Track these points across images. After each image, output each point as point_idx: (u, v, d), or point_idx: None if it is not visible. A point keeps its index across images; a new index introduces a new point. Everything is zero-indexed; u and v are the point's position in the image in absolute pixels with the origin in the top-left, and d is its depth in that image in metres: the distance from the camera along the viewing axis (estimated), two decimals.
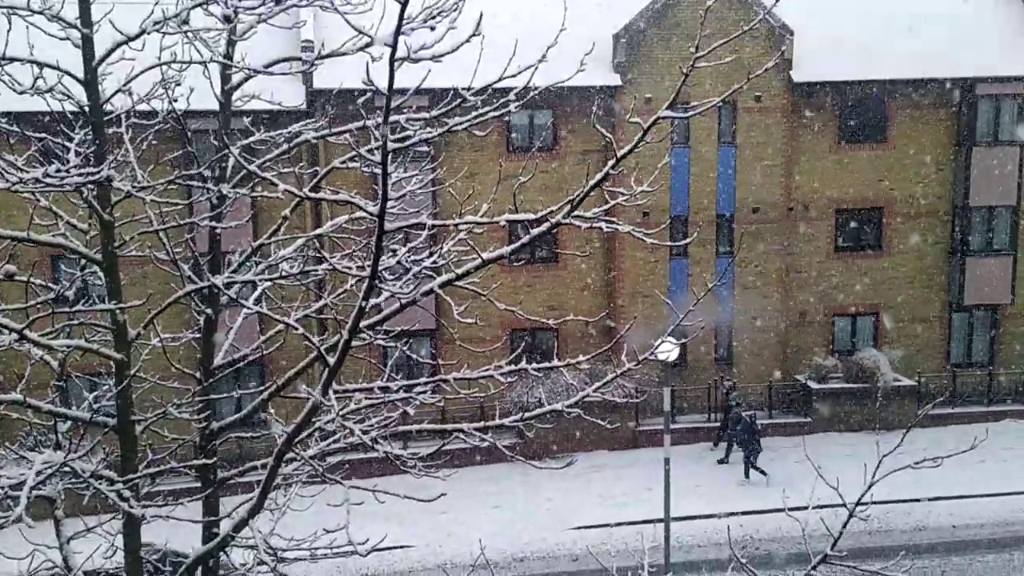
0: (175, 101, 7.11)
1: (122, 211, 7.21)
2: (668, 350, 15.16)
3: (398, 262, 6.65)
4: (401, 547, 19.64)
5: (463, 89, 5.97)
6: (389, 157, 4.84)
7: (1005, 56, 26.17)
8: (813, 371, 26.06)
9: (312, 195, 5.38)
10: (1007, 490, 21.49)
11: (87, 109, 6.87)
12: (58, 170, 5.98)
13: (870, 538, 19.35)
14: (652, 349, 7.28)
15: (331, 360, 5.41)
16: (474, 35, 4.53)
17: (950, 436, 20.90)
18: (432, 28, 5.94)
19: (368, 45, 5.62)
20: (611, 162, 5.68)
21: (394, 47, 4.27)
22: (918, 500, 20.81)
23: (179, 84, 7.12)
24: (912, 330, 27.23)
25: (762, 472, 22.33)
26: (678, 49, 24.60)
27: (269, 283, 7.39)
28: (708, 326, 25.53)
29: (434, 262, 6.82)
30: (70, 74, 6.92)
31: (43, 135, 7.45)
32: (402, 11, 4.26)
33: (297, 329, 5.74)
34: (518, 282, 25.17)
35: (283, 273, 7.15)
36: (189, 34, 6.67)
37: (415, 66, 5.08)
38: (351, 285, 7.31)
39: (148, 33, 6.36)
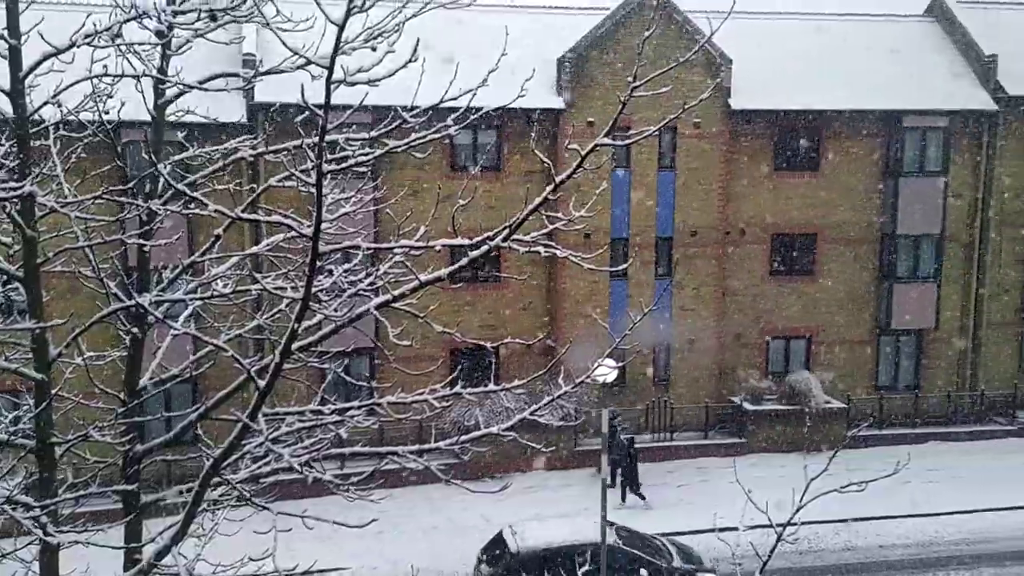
0: (106, 114, 6.94)
1: (48, 225, 6.99)
2: (606, 372, 15.26)
3: (334, 283, 6.58)
4: (333, 570, 19.29)
5: (404, 110, 5.96)
6: (325, 178, 4.80)
7: (932, 90, 27.19)
8: (748, 392, 26.50)
9: (244, 216, 5.29)
10: (932, 511, 22.10)
11: (12, 121, 6.66)
12: None
13: (801, 558, 19.68)
14: (590, 372, 7.32)
15: (261, 383, 5.31)
16: (411, 61, 4.52)
17: (878, 457, 21.39)
18: (373, 49, 5.92)
19: (307, 64, 5.57)
20: (549, 188, 5.71)
21: (330, 70, 4.23)
22: (847, 520, 21.25)
23: (111, 97, 6.95)
24: (842, 353, 27.93)
25: (641, 496, 22.64)
26: (621, 74, 24.97)
27: (200, 302, 7.22)
28: (647, 347, 25.84)
29: (372, 283, 6.76)
30: None
31: None
32: (339, 35, 4.23)
33: (226, 351, 5.62)
34: (459, 301, 25.13)
35: (215, 292, 7.00)
36: (122, 47, 6.51)
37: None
38: (286, 305, 7.20)
39: (79, 46, 6.20)
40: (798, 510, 6.50)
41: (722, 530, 9.70)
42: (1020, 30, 28.42)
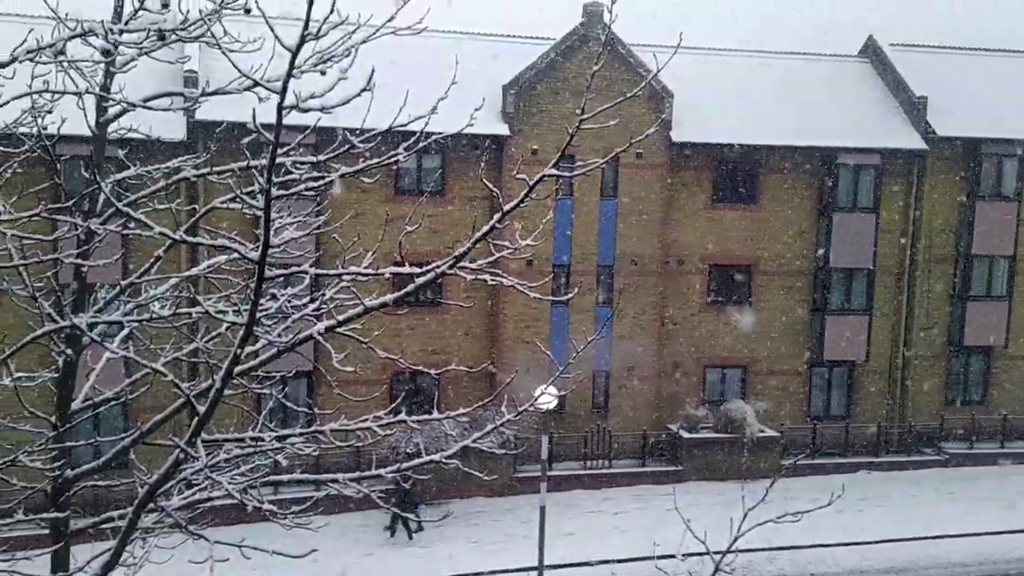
0: (45, 129, 6.76)
1: None
2: (547, 400, 15.30)
3: (278, 308, 6.50)
4: None
5: (352, 133, 5.94)
6: (274, 202, 4.76)
7: (865, 128, 28.14)
8: (685, 420, 26.81)
9: (188, 239, 5.20)
10: (862, 539, 22.59)
11: None
12: None
13: None
14: (532, 400, 7.34)
15: (201, 408, 5.20)
16: (365, 90, 4.52)
17: (811, 486, 21.84)
18: (323, 73, 5.91)
19: (254, 85, 5.53)
20: (496, 216, 5.75)
21: (282, 95, 4.21)
22: (781, 548, 21.56)
23: (50, 112, 6.78)
24: (777, 383, 28.49)
25: (408, 531, 22.25)
26: (565, 103, 25.30)
27: (137, 324, 7.06)
28: (586, 375, 25.98)
29: (316, 308, 6.70)
30: None
31: None
32: (292, 60, 4.21)
33: (165, 375, 5.50)
34: (400, 325, 24.95)
35: (153, 315, 6.84)
36: (65, 63, 6.37)
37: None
38: (226, 328, 7.08)
39: (20, 61, 6.04)
40: (736, 539, 6.60)
41: (660, 558, 9.78)
42: (948, 72, 29.67)
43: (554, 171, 5.66)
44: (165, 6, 6.18)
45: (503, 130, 25.10)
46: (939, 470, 27.78)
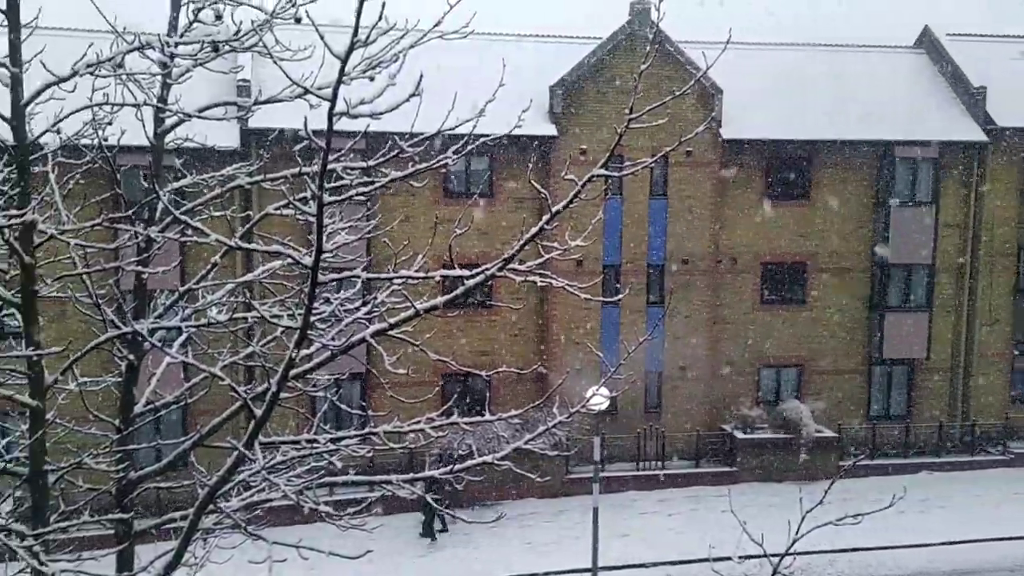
0: (105, 140, 6.96)
1: (44, 251, 6.99)
2: (599, 401, 15.24)
3: (331, 312, 6.59)
4: None
5: (401, 138, 6.00)
6: (326, 208, 4.83)
7: (922, 120, 27.47)
8: (739, 421, 26.47)
9: (243, 245, 5.31)
10: (925, 541, 22.05)
11: (12, 148, 6.67)
12: None
13: None
14: (583, 401, 7.33)
15: (258, 411, 5.29)
16: (414, 95, 4.56)
17: (870, 487, 21.34)
18: (371, 79, 5.98)
19: (305, 93, 5.62)
20: (545, 218, 5.75)
21: (333, 102, 4.28)
22: (841, 551, 21.16)
23: (110, 124, 6.98)
24: (834, 382, 27.95)
25: (432, 537, 22.23)
26: (613, 102, 25.18)
27: (195, 329, 7.22)
28: (638, 375, 25.81)
29: (368, 312, 6.78)
30: None
31: None
32: (342, 67, 4.27)
33: (223, 380, 5.61)
34: (451, 326, 25.09)
35: (210, 320, 7.00)
36: (123, 76, 6.55)
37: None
38: (281, 332, 7.20)
39: (80, 75, 6.23)
40: (795, 541, 6.50)
41: (716, 560, 9.70)
42: (1006, 62, 28.82)
43: (603, 171, 5.65)
44: (219, 18, 6.32)
45: (551, 131, 25.08)
46: (1004, 470, 26.97)
